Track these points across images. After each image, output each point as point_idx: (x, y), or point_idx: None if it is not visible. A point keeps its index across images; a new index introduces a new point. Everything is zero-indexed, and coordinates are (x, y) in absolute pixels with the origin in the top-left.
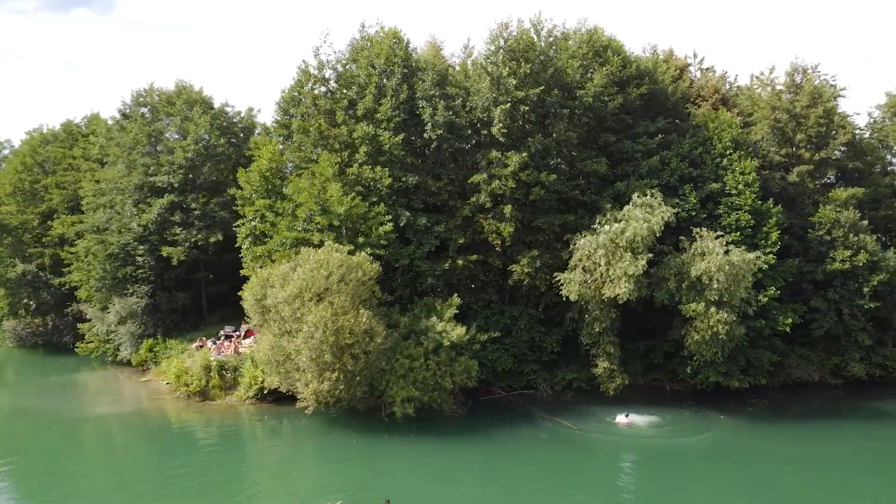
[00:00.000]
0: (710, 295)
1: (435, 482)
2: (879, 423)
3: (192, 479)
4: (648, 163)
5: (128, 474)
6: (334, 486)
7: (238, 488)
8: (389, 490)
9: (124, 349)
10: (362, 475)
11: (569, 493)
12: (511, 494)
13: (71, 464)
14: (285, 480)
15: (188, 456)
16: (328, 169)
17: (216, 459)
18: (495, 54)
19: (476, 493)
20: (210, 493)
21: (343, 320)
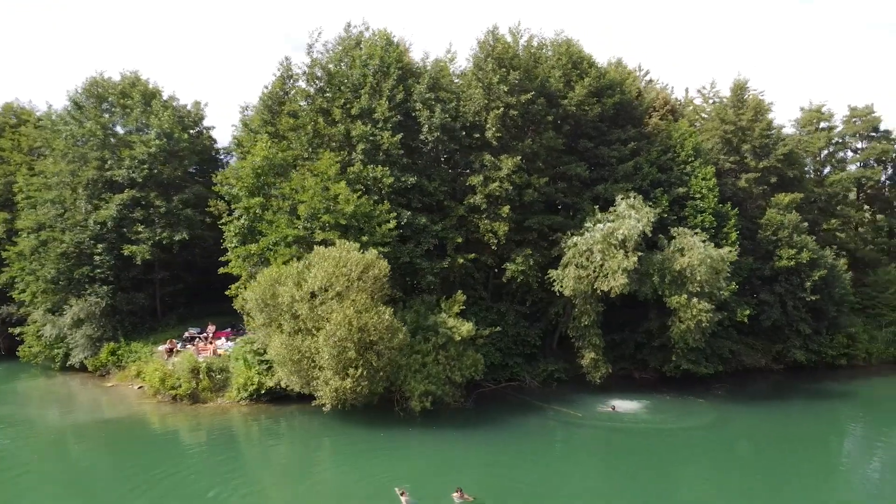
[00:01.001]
0: (692, 287)
1: (474, 469)
2: (825, 403)
3: (226, 485)
4: (623, 168)
5: (151, 483)
6: (382, 478)
7: (287, 487)
8: (446, 479)
9: (78, 353)
10: (412, 467)
11: (603, 470)
12: (549, 476)
13: (83, 473)
14: (332, 477)
15: (208, 461)
16: (332, 168)
17: (255, 463)
18: (485, 61)
19: (523, 478)
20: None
21: (366, 317)
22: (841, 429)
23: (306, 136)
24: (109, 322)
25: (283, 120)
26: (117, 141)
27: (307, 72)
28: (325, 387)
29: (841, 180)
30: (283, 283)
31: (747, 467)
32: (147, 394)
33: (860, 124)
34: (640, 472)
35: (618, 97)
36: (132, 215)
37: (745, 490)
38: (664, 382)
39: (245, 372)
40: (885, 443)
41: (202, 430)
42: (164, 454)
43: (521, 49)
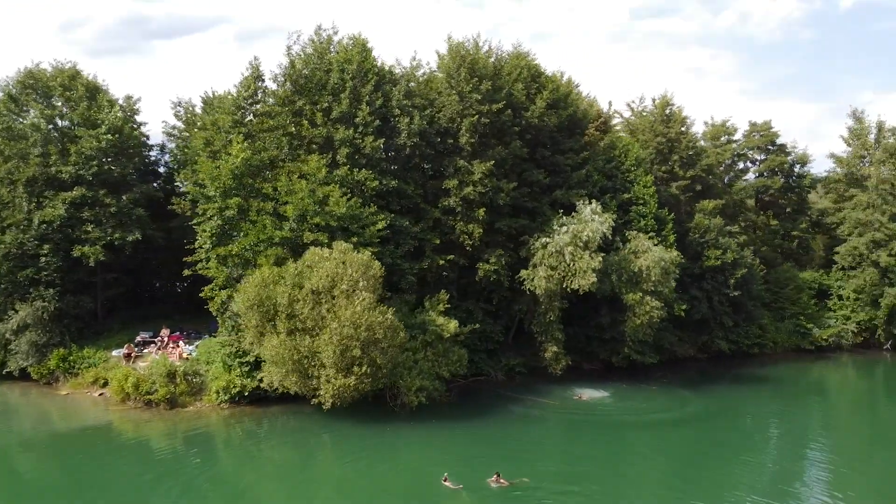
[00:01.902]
0: (646, 286)
1: (489, 457)
2: (757, 385)
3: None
4: (577, 175)
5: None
6: (401, 469)
7: (307, 485)
8: (463, 467)
9: (19, 361)
10: (424, 458)
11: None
12: (560, 459)
13: (93, 486)
14: (351, 471)
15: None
16: (321, 170)
17: (270, 461)
18: (457, 70)
19: (540, 461)
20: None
21: (372, 316)
22: (780, 407)
23: (286, 138)
24: (56, 327)
25: (257, 120)
26: (62, 136)
27: (287, 73)
28: (326, 385)
29: (744, 188)
30: (280, 283)
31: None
32: (112, 401)
33: (759, 138)
34: (646, 454)
35: (571, 109)
36: (80, 215)
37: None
38: (611, 372)
39: (224, 375)
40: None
41: (197, 434)
42: (165, 460)
43: (491, 61)
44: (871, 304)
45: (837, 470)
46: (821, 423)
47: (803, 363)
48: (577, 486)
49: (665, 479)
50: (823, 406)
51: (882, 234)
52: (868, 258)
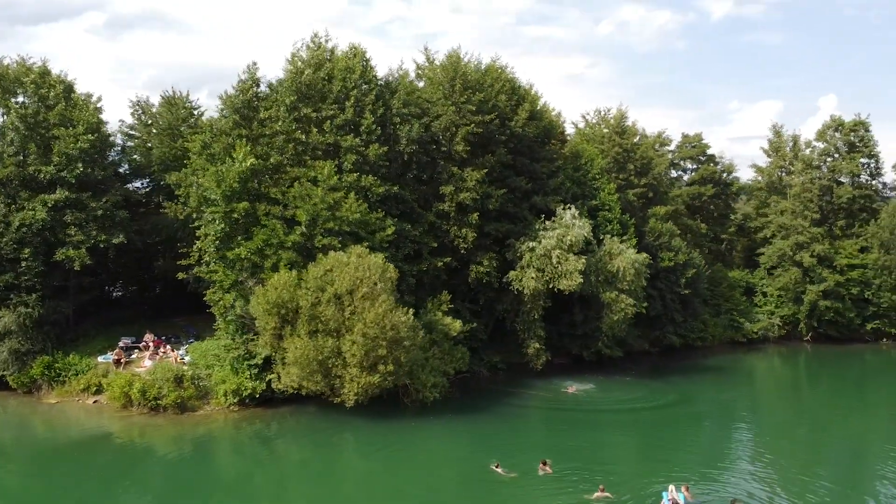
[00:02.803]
0: (621, 285)
1: (511, 447)
2: (705, 375)
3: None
4: (553, 182)
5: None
6: (437, 463)
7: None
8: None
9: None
10: (451, 449)
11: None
12: (573, 445)
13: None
14: (381, 466)
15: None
16: (332, 177)
17: (306, 461)
18: (453, 81)
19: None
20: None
21: (394, 316)
22: (732, 393)
23: (291, 144)
24: (38, 334)
25: (260, 125)
26: (38, 136)
27: (293, 80)
28: (351, 383)
29: (679, 195)
30: (300, 287)
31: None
32: (110, 408)
33: (691, 149)
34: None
35: (546, 120)
36: (62, 217)
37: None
38: (581, 365)
39: (233, 377)
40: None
41: (217, 436)
42: (194, 462)
43: (463, 73)
44: (795, 301)
45: (770, 440)
46: (767, 404)
47: (737, 354)
48: (608, 469)
49: (681, 458)
50: (764, 390)
51: (804, 237)
52: (792, 259)
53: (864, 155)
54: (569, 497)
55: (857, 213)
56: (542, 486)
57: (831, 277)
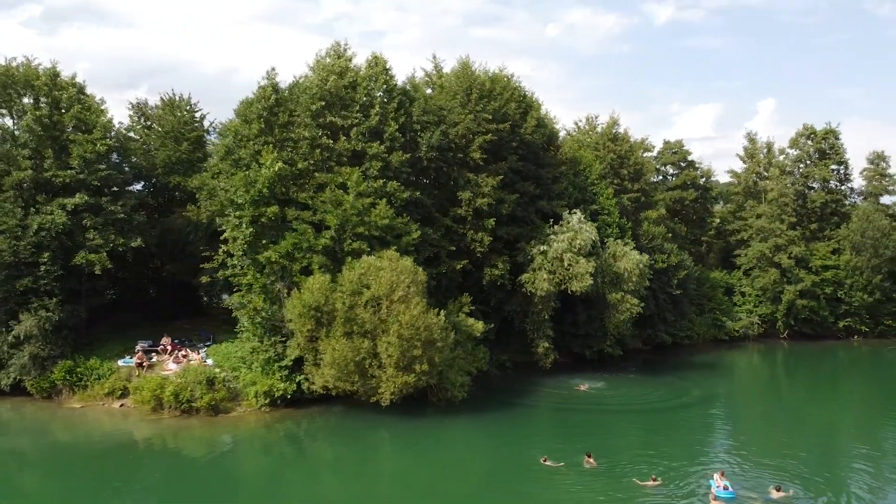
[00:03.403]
0: (626, 286)
1: (547, 439)
2: (697, 371)
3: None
4: (557, 187)
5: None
6: (476, 457)
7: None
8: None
9: (15, 375)
10: (490, 444)
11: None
12: (602, 439)
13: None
14: (422, 462)
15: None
16: (361, 183)
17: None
18: (470, 91)
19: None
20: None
21: (428, 318)
22: (726, 388)
23: (318, 150)
24: (57, 338)
25: (280, 131)
26: (53, 139)
27: (318, 87)
28: (387, 383)
29: (664, 199)
30: (335, 290)
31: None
32: (138, 411)
33: (672, 155)
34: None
35: (549, 127)
36: (81, 221)
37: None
38: (582, 364)
39: (263, 379)
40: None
41: (257, 437)
42: (241, 461)
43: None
44: (773, 300)
45: (797, 430)
46: (778, 398)
47: (721, 351)
48: (647, 460)
49: (711, 447)
50: (770, 386)
51: (782, 239)
52: (770, 260)
53: (835, 161)
54: (620, 487)
55: (828, 217)
56: (589, 478)
57: (808, 278)
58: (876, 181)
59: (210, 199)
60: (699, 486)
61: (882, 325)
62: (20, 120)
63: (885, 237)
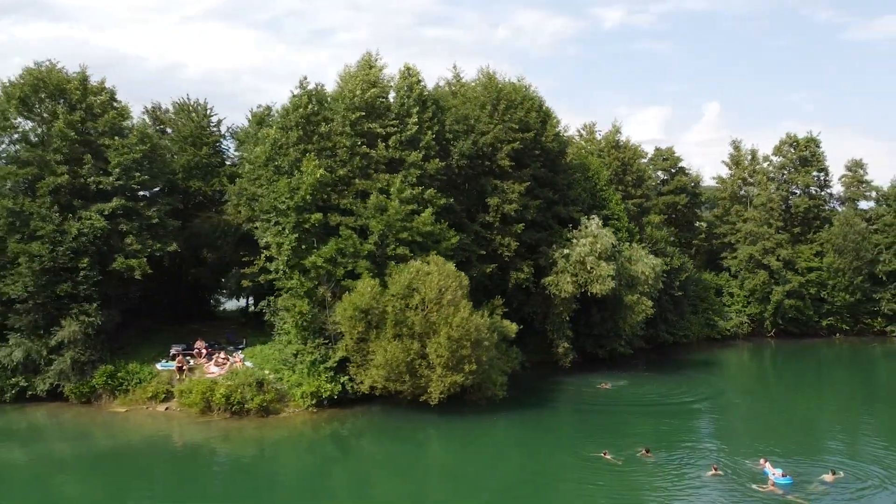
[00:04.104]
0: (642, 288)
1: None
2: (699, 368)
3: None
4: (572, 193)
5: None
6: (527, 453)
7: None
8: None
9: (52, 380)
10: (543, 439)
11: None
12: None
13: None
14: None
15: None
16: (404, 190)
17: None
18: (496, 101)
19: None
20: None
21: (476, 320)
22: (724, 381)
23: (357, 157)
24: (97, 343)
25: (318, 139)
26: (87, 144)
27: (353, 97)
28: (438, 382)
29: (657, 203)
30: (384, 294)
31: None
32: (185, 414)
33: (664, 162)
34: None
35: (564, 136)
36: (117, 227)
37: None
38: (595, 363)
39: (310, 380)
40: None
41: (313, 436)
42: (307, 458)
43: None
44: (762, 301)
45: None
46: (792, 392)
47: (714, 349)
48: (694, 452)
49: (750, 437)
50: (766, 379)
51: (771, 242)
52: (759, 262)
53: (816, 168)
54: (682, 478)
55: (811, 221)
56: (650, 471)
57: (795, 279)
58: (854, 187)
59: (248, 205)
60: (757, 475)
61: (861, 324)
62: (50, 125)
63: (865, 240)
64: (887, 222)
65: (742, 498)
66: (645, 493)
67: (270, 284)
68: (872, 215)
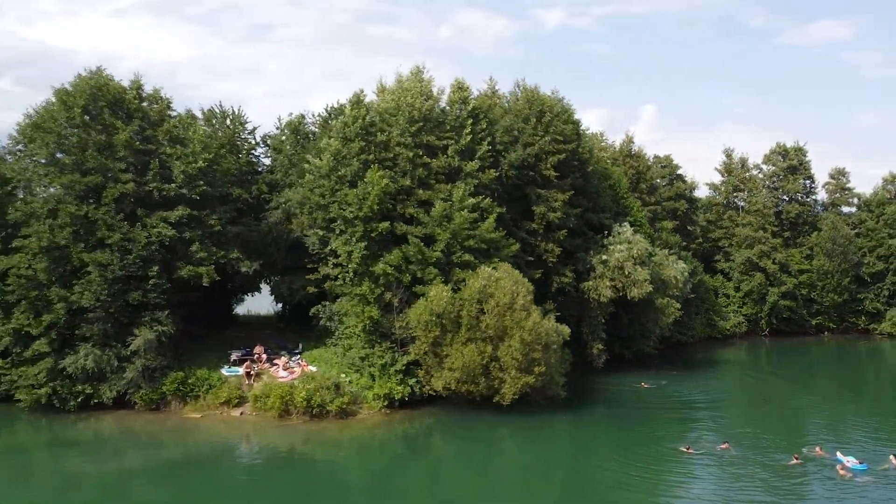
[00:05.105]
0: (672, 292)
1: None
2: (714, 365)
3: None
4: (602, 201)
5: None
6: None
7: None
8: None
9: (119, 388)
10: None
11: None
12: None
13: None
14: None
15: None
16: (466, 199)
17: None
18: (540, 114)
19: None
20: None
21: (546, 324)
22: (739, 378)
23: (419, 168)
24: (166, 350)
25: (377, 150)
26: (149, 153)
27: (413, 109)
28: (511, 383)
29: (664, 210)
30: (456, 300)
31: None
32: (260, 419)
33: (662, 169)
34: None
35: (591, 144)
36: (184, 235)
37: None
38: (622, 363)
39: (383, 383)
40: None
41: (396, 436)
42: (403, 457)
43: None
44: (758, 301)
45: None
46: (809, 385)
47: (717, 348)
48: (773, 443)
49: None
50: (786, 374)
51: (767, 246)
52: (756, 265)
53: (804, 176)
54: (765, 468)
55: (801, 226)
56: (734, 463)
57: (789, 281)
58: (838, 194)
59: (310, 214)
60: (833, 461)
61: (846, 322)
62: (111, 133)
63: (851, 244)
64: (870, 227)
65: (834, 486)
66: (737, 483)
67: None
68: (855, 221)
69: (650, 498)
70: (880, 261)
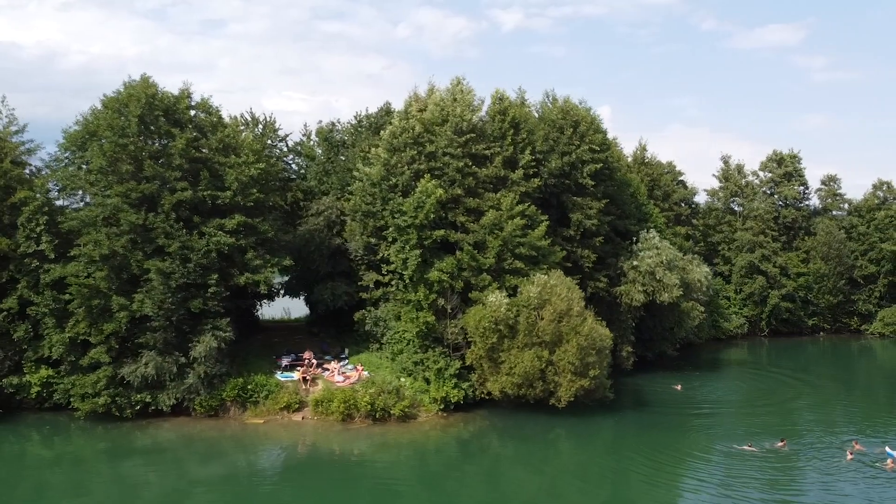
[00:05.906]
0: (697, 295)
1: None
2: (724, 365)
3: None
4: (627, 208)
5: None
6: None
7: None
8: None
9: (178, 395)
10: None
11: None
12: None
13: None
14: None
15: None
16: (514, 207)
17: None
18: (576, 125)
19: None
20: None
21: (600, 329)
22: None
23: (469, 178)
24: (223, 356)
25: (425, 160)
26: (203, 162)
27: (462, 120)
28: (568, 386)
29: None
30: (513, 306)
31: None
32: (321, 423)
33: (666, 175)
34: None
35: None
36: (239, 242)
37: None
38: (645, 365)
39: (439, 387)
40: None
41: (461, 438)
42: (473, 457)
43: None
44: (759, 303)
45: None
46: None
47: (722, 348)
48: (825, 439)
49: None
50: (789, 371)
51: (767, 250)
52: (758, 268)
53: (798, 182)
54: (820, 462)
55: (797, 231)
56: (791, 458)
57: (789, 283)
58: (830, 199)
59: (362, 222)
60: (883, 455)
61: (839, 322)
62: (165, 142)
63: (845, 248)
64: (861, 231)
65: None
66: (800, 477)
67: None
68: (846, 225)
69: (715, 499)
70: (872, 264)
